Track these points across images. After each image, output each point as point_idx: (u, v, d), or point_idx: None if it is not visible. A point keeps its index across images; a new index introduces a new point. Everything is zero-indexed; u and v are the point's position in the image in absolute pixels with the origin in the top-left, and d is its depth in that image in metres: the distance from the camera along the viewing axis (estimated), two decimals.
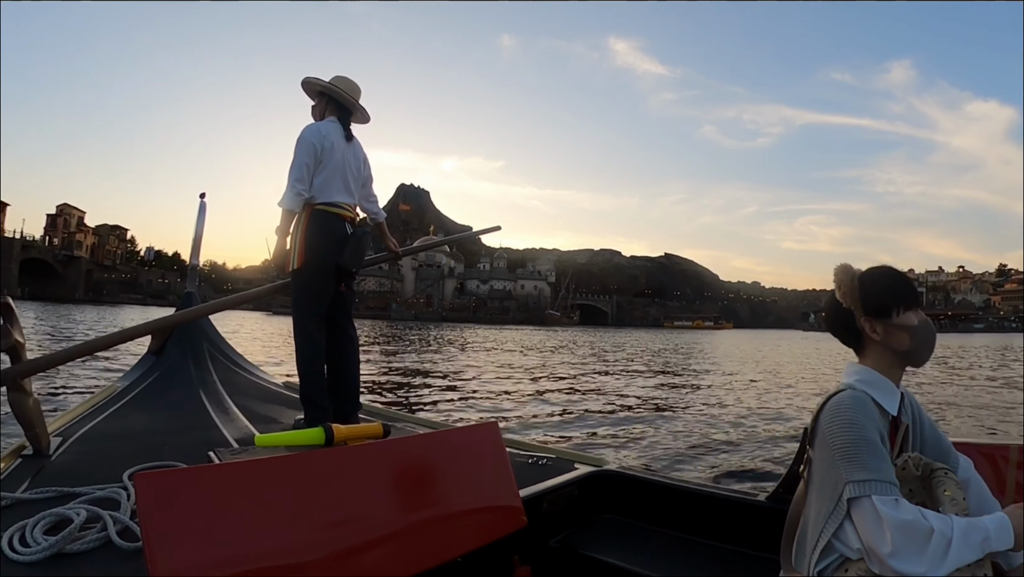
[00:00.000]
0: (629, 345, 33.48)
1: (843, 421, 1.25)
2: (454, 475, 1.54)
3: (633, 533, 2.16)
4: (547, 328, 79.74)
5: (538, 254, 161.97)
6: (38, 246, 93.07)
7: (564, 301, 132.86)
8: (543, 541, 2.05)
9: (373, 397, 9.60)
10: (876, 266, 1.41)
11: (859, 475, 1.19)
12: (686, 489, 2.20)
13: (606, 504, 2.31)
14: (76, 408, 3.06)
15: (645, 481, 2.29)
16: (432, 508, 1.45)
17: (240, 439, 2.62)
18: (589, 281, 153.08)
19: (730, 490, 2.18)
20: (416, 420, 3.49)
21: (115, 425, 2.80)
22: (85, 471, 2.07)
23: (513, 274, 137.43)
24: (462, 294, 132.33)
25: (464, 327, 66.36)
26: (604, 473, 2.33)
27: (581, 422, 8.08)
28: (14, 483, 1.94)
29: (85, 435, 2.62)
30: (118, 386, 3.39)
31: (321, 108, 3.19)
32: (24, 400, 2.24)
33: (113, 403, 3.13)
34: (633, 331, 73.77)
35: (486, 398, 10.20)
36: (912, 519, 1.13)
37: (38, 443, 2.31)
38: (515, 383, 12.56)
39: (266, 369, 4.29)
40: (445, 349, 23.66)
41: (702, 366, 19.80)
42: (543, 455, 2.48)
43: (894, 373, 1.38)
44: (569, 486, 2.17)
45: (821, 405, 1.34)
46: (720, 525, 2.05)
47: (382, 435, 1.62)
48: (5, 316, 2.20)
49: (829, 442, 1.26)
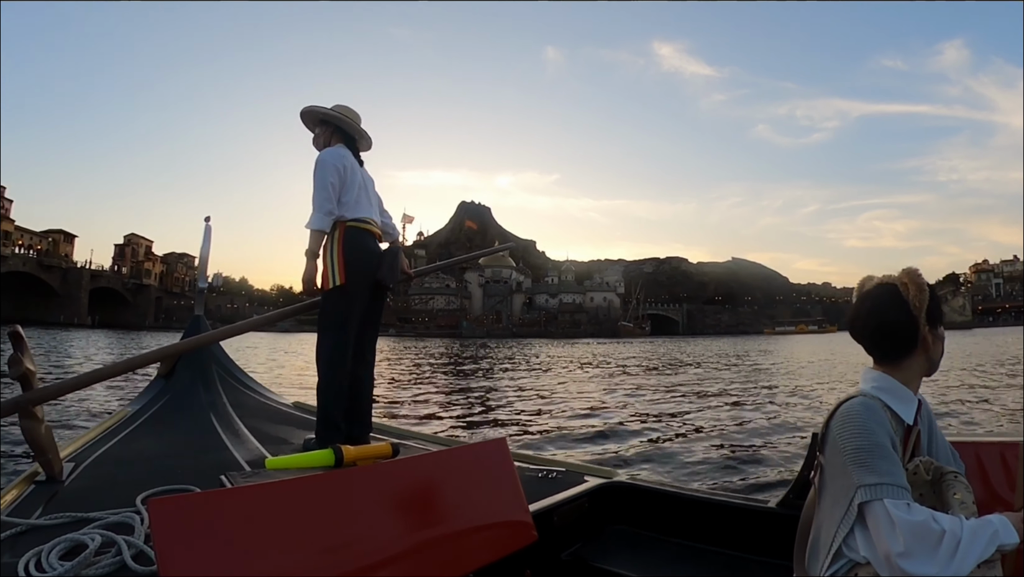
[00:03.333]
0: (753, 356, 30.56)
1: (854, 427, 1.28)
2: (463, 492, 1.55)
3: (644, 544, 2.18)
4: (620, 340, 77.20)
5: (604, 265, 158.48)
6: (107, 275, 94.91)
7: (635, 312, 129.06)
8: (555, 554, 2.06)
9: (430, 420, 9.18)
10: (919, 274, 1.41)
11: (871, 479, 1.21)
12: (696, 498, 2.21)
13: (617, 516, 2.31)
14: (87, 433, 3.07)
15: (655, 492, 2.29)
16: (442, 526, 1.47)
17: (251, 461, 2.64)
18: (657, 290, 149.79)
19: (740, 497, 2.20)
20: (426, 437, 3.44)
21: (127, 450, 2.81)
22: (98, 496, 2.09)
23: (581, 287, 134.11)
24: (531, 309, 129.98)
25: (538, 342, 64.42)
26: (614, 485, 2.33)
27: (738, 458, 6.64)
28: (28, 509, 1.97)
29: (97, 460, 2.64)
30: (129, 411, 3.43)
31: (326, 137, 3.21)
32: (36, 427, 2.26)
33: (124, 427, 3.16)
34: (728, 339, 71.19)
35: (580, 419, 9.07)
36: (923, 520, 1.15)
37: (51, 469, 2.32)
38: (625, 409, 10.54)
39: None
40: (518, 366, 22.66)
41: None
42: (553, 468, 2.50)
43: (916, 382, 1.40)
44: (579, 499, 2.19)
45: (832, 411, 1.36)
46: (731, 533, 2.05)
47: (391, 455, 1.67)
48: (16, 345, 2.24)
49: (840, 447, 1.28)
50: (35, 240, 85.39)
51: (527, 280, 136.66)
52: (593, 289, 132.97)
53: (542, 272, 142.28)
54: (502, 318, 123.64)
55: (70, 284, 79.66)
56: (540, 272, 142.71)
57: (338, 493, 1.31)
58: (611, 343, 60.98)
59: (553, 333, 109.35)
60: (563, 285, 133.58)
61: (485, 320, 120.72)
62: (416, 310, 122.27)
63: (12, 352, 2.23)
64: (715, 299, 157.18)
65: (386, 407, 10.55)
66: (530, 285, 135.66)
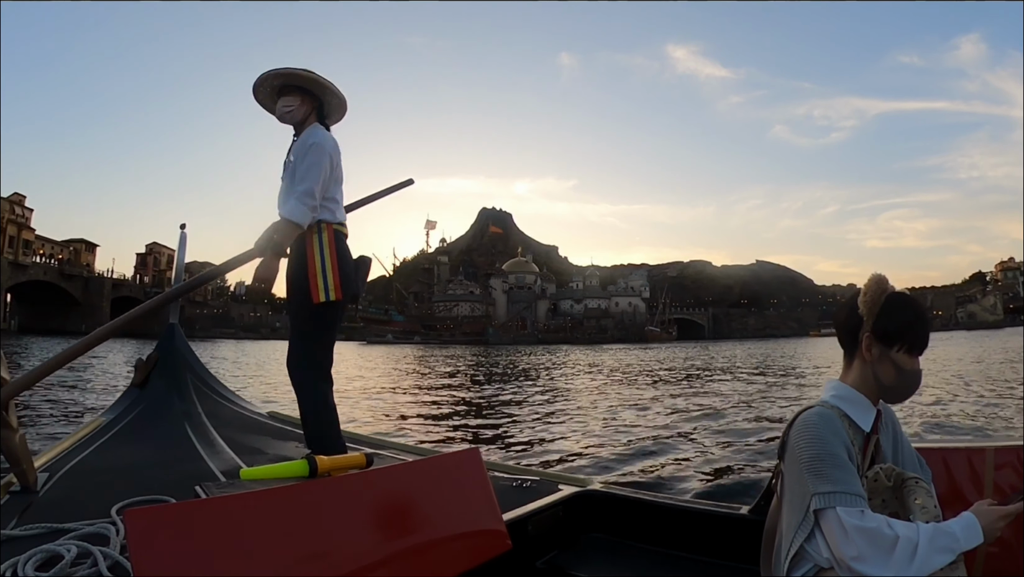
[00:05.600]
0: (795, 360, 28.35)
1: (809, 436, 1.32)
2: (437, 502, 1.56)
3: (620, 551, 2.19)
4: (647, 345, 74.99)
5: (627, 271, 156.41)
6: (129, 284, 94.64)
7: (661, 316, 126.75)
8: (530, 563, 2.08)
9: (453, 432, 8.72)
10: (911, 296, 1.43)
11: (824, 487, 1.25)
12: (670, 505, 2.23)
13: (592, 523, 2.31)
14: (62, 443, 3.04)
15: (629, 499, 2.30)
16: (416, 535, 1.47)
17: (226, 471, 2.64)
18: (683, 294, 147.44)
19: (713, 504, 2.20)
20: (400, 446, 3.41)
21: (102, 460, 2.80)
22: (73, 507, 2.09)
23: (606, 292, 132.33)
24: (556, 315, 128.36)
25: (563, 349, 62.84)
26: (588, 493, 2.34)
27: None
28: (3, 520, 1.97)
29: (72, 470, 2.63)
30: (103, 420, 3.39)
31: (305, 112, 2.81)
32: (10, 436, 2.23)
33: (99, 437, 3.14)
34: (759, 342, 69.02)
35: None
36: (875, 527, 1.19)
37: (25, 479, 2.31)
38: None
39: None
40: (540, 374, 21.44)
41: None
42: (527, 477, 2.50)
43: (872, 394, 1.42)
44: (554, 507, 2.19)
45: (792, 421, 1.40)
46: (705, 539, 2.07)
47: (365, 465, 1.67)
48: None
49: (797, 456, 1.32)
50: (56, 249, 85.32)
51: (551, 286, 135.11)
52: (618, 294, 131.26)
53: (566, 278, 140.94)
54: (527, 325, 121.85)
55: (92, 293, 79.41)
56: (564, 278, 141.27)
57: (313, 503, 1.32)
58: (638, 348, 59.74)
59: (579, 339, 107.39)
60: (588, 291, 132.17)
61: (511, 327, 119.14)
62: (440, 317, 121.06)
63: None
64: (740, 302, 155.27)
65: (396, 419, 10.25)
66: (554, 291, 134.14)
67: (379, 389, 15.92)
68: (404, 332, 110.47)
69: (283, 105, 2.77)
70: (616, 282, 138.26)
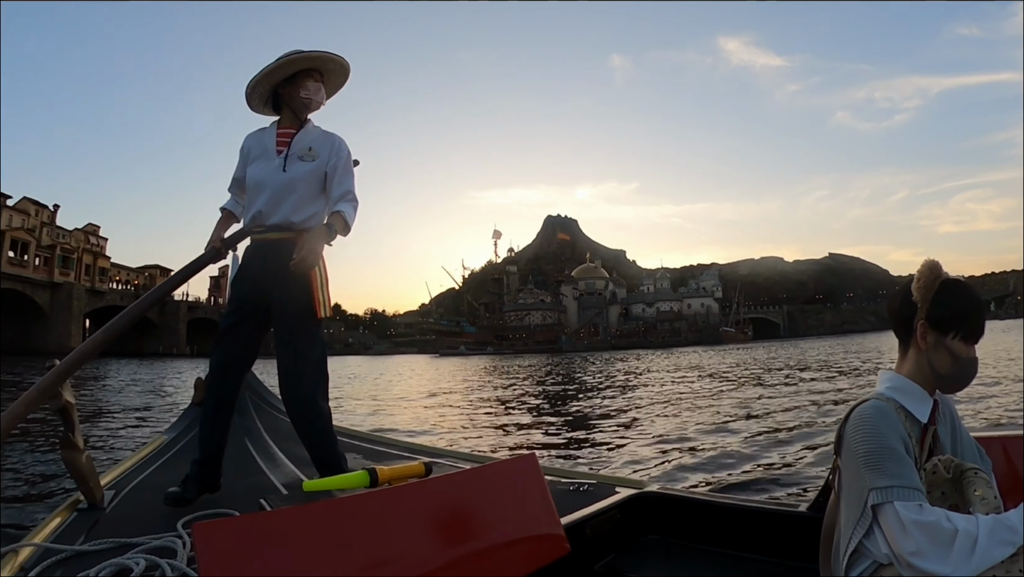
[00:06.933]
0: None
1: (865, 430, 1.30)
2: (495, 508, 1.58)
3: (677, 553, 2.19)
4: (723, 347, 72.33)
5: (697, 271, 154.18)
6: (204, 306, 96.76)
7: (736, 316, 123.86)
8: (588, 566, 2.08)
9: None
10: (965, 283, 1.39)
11: (882, 482, 1.23)
12: (727, 505, 2.22)
13: (649, 526, 2.32)
14: (126, 461, 3.14)
15: (686, 500, 2.30)
16: (475, 541, 1.49)
17: (287, 484, 2.72)
18: (756, 292, 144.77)
19: (771, 502, 2.22)
20: (457, 454, 3.36)
21: (165, 476, 2.85)
22: (139, 522, 2.16)
23: (677, 293, 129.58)
24: (628, 319, 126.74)
25: (636, 354, 60.52)
26: (645, 495, 2.35)
27: None
28: (72, 536, 2.03)
29: (136, 487, 2.72)
30: (165, 438, 3.51)
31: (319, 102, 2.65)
32: (77, 456, 2.32)
33: (161, 455, 3.26)
34: (836, 339, 66.18)
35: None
36: (934, 521, 1.16)
37: (92, 497, 2.38)
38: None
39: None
40: (613, 381, 20.49)
41: None
42: (583, 481, 2.51)
43: (928, 384, 1.40)
44: (610, 510, 2.20)
45: (847, 415, 1.38)
46: (763, 538, 2.06)
47: (424, 474, 1.69)
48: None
49: (853, 451, 1.31)
50: (132, 276, 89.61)
51: (622, 291, 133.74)
52: (690, 295, 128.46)
53: (636, 282, 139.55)
54: (599, 330, 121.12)
55: (168, 316, 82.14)
56: (634, 282, 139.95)
57: (374, 513, 1.35)
58: (712, 351, 57.41)
59: (652, 343, 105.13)
60: (659, 293, 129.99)
61: (583, 333, 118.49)
62: (512, 327, 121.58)
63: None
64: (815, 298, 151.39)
65: (462, 428, 10.32)
66: (625, 295, 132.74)
67: (449, 399, 16.21)
68: (477, 343, 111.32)
69: (315, 90, 2.57)
70: (687, 283, 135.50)
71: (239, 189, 2.70)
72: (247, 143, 2.65)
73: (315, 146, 2.54)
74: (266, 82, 2.56)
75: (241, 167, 2.66)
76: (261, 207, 2.49)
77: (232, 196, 2.75)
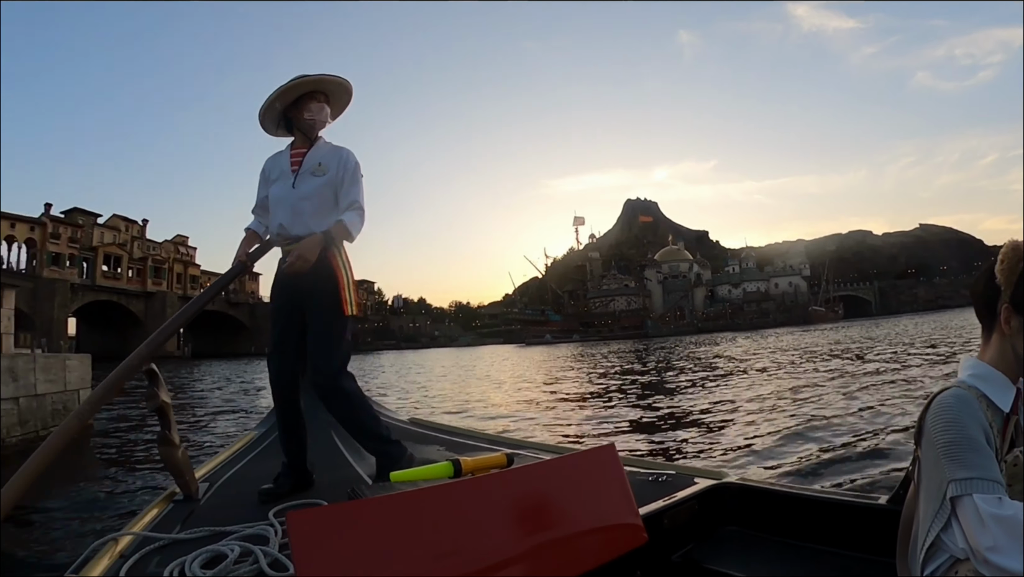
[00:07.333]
0: None
1: (946, 420, 1.26)
2: (574, 497, 1.60)
3: (755, 544, 2.15)
4: (813, 327, 69.93)
5: (783, 248, 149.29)
6: None
7: (825, 294, 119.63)
8: (665, 556, 2.07)
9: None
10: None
11: (961, 473, 1.19)
12: (806, 497, 2.18)
13: (728, 517, 2.29)
14: (219, 456, 3.32)
15: (765, 491, 2.27)
16: (555, 530, 1.52)
17: (373, 476, 2.75)
18: (844, 269, 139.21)
19: (851, 494, 2.14)
20: (538, 445, 3.36)
21: (255, 469, 3.00)
22: (231, 512, 2.26)
23: (763, 273, 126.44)
24: (714, 302, 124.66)
25: (723, 337, 59.21)
26: (724, 486, 2.32)
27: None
28: (169, 525, 2.16)
29: (229, 480, 2.87)
30: (254, 434, 3.73)
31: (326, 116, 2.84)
32: (173, 452, 2.46)
33: (252, 449, 3.44)
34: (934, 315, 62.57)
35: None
36: (1013, 515, 1.12)
37: (188, 489, 2.52)
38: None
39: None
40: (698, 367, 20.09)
41: None
42: (662, 471, 2.50)
43: (1012, 371, 1.33)
44: (689, 501, 2.18)
45: (927, 404, 1.34)
46: (842, 531, 2.00)
47: (505, 464, 1.74)
48: (152, 380, 2.43)
49: (933, 441, 1.27)
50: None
51: (706, 272, 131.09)
52: (776, 274, 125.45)
53: (720, 263, 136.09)
54: (685, 314, 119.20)
55: (258, 318, 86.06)
56: (718, 263, 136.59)
57: (458, 501, 1.39)
58: (801, 331, 55.81)
59: (740, 325, 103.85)
60: (744, 273, 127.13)
61: (669, 317, 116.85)
62: (597, 314, 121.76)
63: (148, 387, 2.41)
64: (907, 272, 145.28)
65: (547, 417, 10.65)
66: (710, 277, 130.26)
67: (533, 389, 16.54)
68: (562, 331, 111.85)
69: (318, 111, 2.75)
70: (773, 262, 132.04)
71: (262, 210, 2.87)
72: (266, 166, 2.86)
73: (324, 161, 2.72)
74: (273, 108, 2.77)
75: (262, 189, 2.86)
76: (282, 220, 2.68)
77: (256, 217, 2.91)
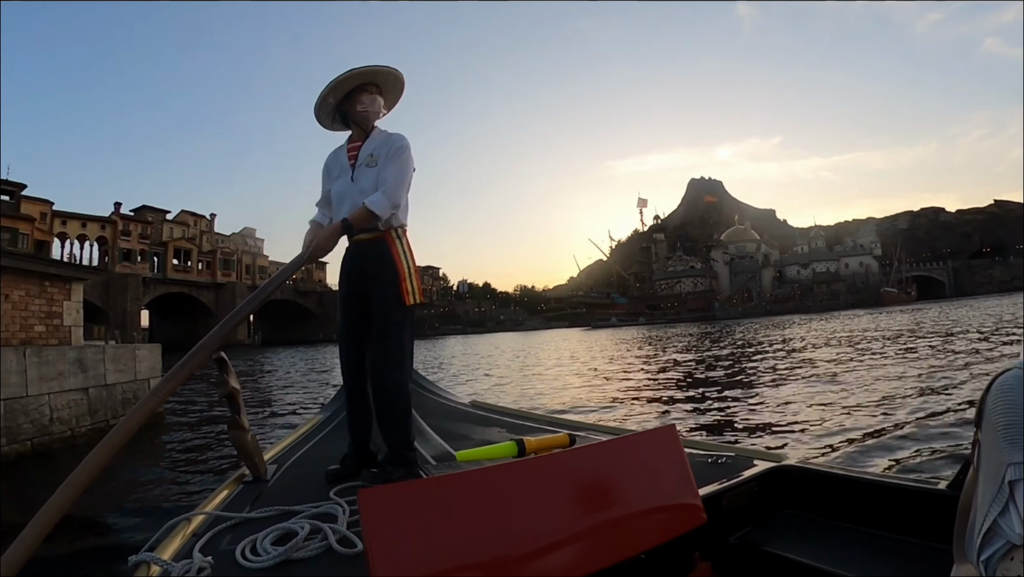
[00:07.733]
0: None
1: (1006, 402, 1.22)
2: (635, 477, 1.62)
3: (813, 528, 2.13)
4: (885, 309, 67.54)
5: (853, 227, 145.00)
6: None
7: (897, 274, 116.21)
8: (723, 538, 2.07)
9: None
10: None
11: (1021, 456, 1.16)
12: (865, 481, 2.16)
13: (786, 500, 2.28)
14: (286, 439, 3.37)
15: (824, 475, 2.24)
16: (615, 509, 1.55)
17: (436, 456, 2.78)
18: (917, 248, 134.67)
19: (910, 479, 2.11)
20: (598, 427, 3.36)
21: (321, 451, 3.06)
22: (299, 492, 2.30)
23: (833, 253, 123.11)
24: (782, 283, 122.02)
25: (792, 319, 57.78)
26: (783, 469, 2.30)
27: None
28: (239, 505, 2.21)
29: (296, 461, 2.90)
30: (320, 418, 3.76)
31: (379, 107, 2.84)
32: (242, 436, 2.53)
33: (317, 432, 3.47)
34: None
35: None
36: None
37: (257, 471, 2.58)
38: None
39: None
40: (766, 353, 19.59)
41: None
42: (722, 454, 2.48)
43: None
44: (748, 483, 2.18)
45: (988, 385, 1.30)
46: (900, 516, 1.99)
47: (568, 444, 1.80)
48: (221, 368, 2.50)
49: (993, 423, 1.24)
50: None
51: (774, 252, 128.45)
52: (846, 254, 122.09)
53: (788, 242, 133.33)
54: (753, 295, 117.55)
55: (326, 305, 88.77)
56: (786, 243, 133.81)
57: (523, 480, 1.44)
58: (872, 313, 53.98)
59: (809, 307, 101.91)
60: (813, 253, 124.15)
61: (736, 300, 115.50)
62: (663, 296, 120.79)
63: (218, 374, 2.49)
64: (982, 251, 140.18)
65: (611, 398, 10.91)
66: (778, 257, 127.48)
67: (599, 371, 16.70)
68: (628, 314, 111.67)
69: (370, 102, 2.76)
70: (842, 241, 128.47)
71: (325, 204, 2.91)
72: (327, 162, 2.91)
73: (375, 151, 2.72)
74: (327, 103, 2.79)
75: (325, 184, 2.90)
76: (345, 215, 2.65)
77: (320, 210, 2.95)
